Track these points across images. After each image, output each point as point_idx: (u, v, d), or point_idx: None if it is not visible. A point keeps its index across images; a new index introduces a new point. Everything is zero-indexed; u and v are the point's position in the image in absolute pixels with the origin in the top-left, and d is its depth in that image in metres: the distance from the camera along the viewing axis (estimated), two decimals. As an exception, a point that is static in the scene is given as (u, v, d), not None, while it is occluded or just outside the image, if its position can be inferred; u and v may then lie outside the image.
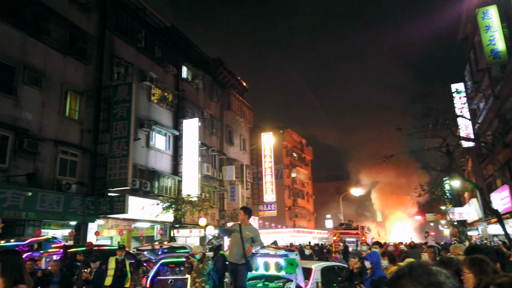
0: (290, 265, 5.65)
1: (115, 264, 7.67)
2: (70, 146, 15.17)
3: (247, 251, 5.65)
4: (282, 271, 5.89)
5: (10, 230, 12.43)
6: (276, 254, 5.98)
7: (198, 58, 26.14)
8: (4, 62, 13.04)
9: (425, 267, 1.10)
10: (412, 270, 1.10)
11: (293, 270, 5.68)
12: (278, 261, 5.94)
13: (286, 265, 5.74)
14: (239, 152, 30.92)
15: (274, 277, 6.14)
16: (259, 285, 6.18)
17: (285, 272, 5.87)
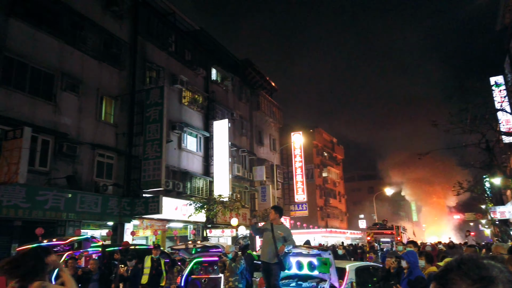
0: (324, 264, 5.58)
1: (150, 263, 7.88)
2: (106, 149, 15.72)
3: (280, 250, 5.63)
4: (316, 270, 5.83)
5: (52, 230, 13.04)
6: (309, 254, 5.92)
7: (227, 60, 26.39)
8: (44, 70, 13.70)
9: (475, 261, 1.04)
10: (461, 264, 1.04)
11: (327, 269, 5.60)
12: (311, 261, 5.89)
13: (320, 264, 5.67)
14: (269, 152, 30.92)
15: (307, 277, 6.09)
16: (292, 284, 6.15)
17: (319, 272, 5.81)
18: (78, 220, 13.87)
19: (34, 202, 12.07)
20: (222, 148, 21.90)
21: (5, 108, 11.76)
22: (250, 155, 27.17)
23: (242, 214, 22.74)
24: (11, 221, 12.47)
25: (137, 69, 17.95)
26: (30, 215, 11.97)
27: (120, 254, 8.36)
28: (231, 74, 26.38)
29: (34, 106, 13.12)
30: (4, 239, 12.59)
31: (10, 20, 12.69)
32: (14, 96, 12.47)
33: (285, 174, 33.86)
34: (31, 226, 12.28)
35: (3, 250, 12.26)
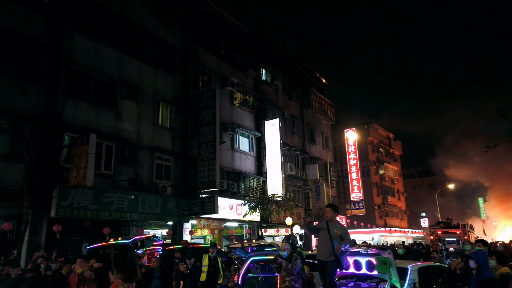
0: (383, 264, 5.36)
1: (208, 261, 8.10)
2: (164, 152, 16.43)
3: (337, 249, 5.51)
4: (375, 270, 5.62)
5: (118, 230, 13.89)
6: (367, 253, 5.73)
7: (276, 60, 26.41)
8: (106, 80, 14.64)
9: None
10: None
11: (387, 269, 5.37)
12: (369, 260, 5.69)
13: (379, 264, 5.46)
14: (322, 151, 30.44)
15: (366, 277, 5.89)
16: (351, 284, 5.98)
17: (378, 272, 5.59)
18: (141, 220, 14.64)
19: (100, 204, 12.94)
20: (274, 148, 21.94)
21: (73, 117, 12.73)
22: (302, 153, 26.95)
23: (296, 213, 22.62)
24: (81, 222, 13.47)
25: (190, 74, 18.57)
26: (97, 216, 12.83)
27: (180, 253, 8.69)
28: (280, 73, 26.36)
29: (98, 114, 14.06)
30: (76, 238, 13.63)
31: (75, 35, 13.72)
32: (80, 105, 13.46)
33: (339, 172, 33.11)
34: (99, 226, 13.19)
35: (75, 248, 13.27)
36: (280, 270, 6.27)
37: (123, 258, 3.05)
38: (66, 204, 11.87)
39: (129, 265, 3.05)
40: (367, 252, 5.74)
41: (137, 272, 3.16)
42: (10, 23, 11.84)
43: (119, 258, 3.06)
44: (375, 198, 39.49)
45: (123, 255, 3.08)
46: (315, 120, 30.42)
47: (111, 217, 13.25)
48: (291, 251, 6.40)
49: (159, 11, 17.44)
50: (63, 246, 11.97)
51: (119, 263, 3.05)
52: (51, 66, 12.75)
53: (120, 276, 3.02)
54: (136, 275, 3.16)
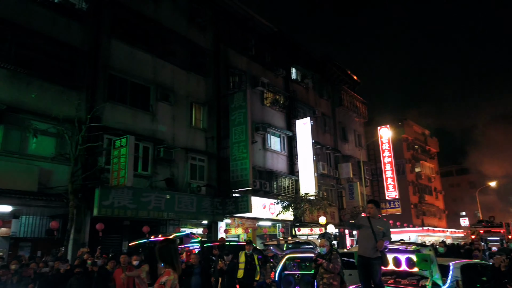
0: (424, 261, 5.26)
1: (244, 258, 8.23)
2: (198, 153, 16.78)
3: (379, 245, 5.46)
4: (415, 267, 5.52)
5: (155, 229, 14.33)
6: (407, 250, 5.64)
7: (306, 58, 26.29)
8: (141, 83, 15.15)
9: None
10: None
11: (427, 266, 5.27)
12: (409, 257, 5.60)
13: (419, 260, 5.36)
14: (355, 149, 29.98)
15: (406, 274, 5.80)
16: (390, 281, 5.91)
17: (419, 269, 5.50)
18: (177, 219, 15.03)
19: (139, 203, 13.40)
20: (306, 147, 21.85)
21: (112, 119, 13.28)
22: (334, 152, 26.66)
23: (330, 213, 22.43)
24: (121, 221, 14.02)
25: (221, 75, 18.86)
26: (136, 214, 13.30)
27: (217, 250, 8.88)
28: (311, 72, 26.22)
29: (135, 117, 14.58)
30: (116, 236, 14.20)
31: (112, 41, 14.30)
32: (118, 108, 14.01)
33: (373, 170, 32.46)
34: (137, 225, 13.68)
35: (115, 246, 13.83)
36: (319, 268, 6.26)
37: (168, 250, 3.21)
38: (107, 203, 12.39)
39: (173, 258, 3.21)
40: (407, 249, 5.66)
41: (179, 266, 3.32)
42: (52, 32, 12.51)
43: (164, 251, 3.23)
44: (411, 197, 38.40)
45: (167, 247, 3.24)
46: (347, 118, 30.00)
47: (149, 216, 13.69)
48: (330, 247, 6.39)
49: (190, 15, 17.85)
50: (104, 244, 12.49)
51: (165, 256, 3.22)
52: (91, 72, 13.36)
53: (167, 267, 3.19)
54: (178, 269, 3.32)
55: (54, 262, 8.80)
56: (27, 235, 13.38)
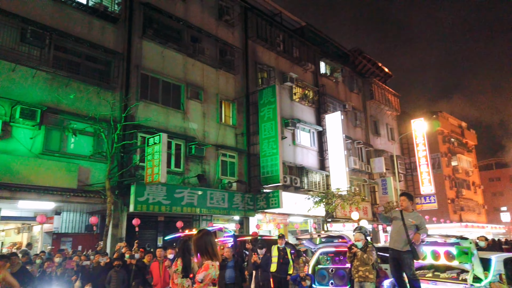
0: (464, 253, 5.08)
1: (277, 252, 8.26)
2: (228, 149, 16.96)
3: (415, 239, 5.32)
4: (455, 260, 5.34)
5: (188, 224, 14.63)
6: (446, 242, 5.46)
7: (335, 52, 25.92)
8: (172, 82, 15.47)
9: None
10: None
11: (468, 259, 5.08)
12: (448, 250, 5.42)
13: (459, 253, 5.18)
14: (387, 143, 29.27)
15: (445, 267, 5.62)
16: (428, 275, 5.75)
17: (459, 262, 5.31)
18: (209, 215, 15.28)
19: (173, 199, 13.73)
20: (336, 141, 21.56)
21: (145, 118, 13.65)
22: (366, 146, 26.15)
23: (362, 208, 22.05)
24: (156, 217, 14.43)
25: (250, 72, 18.93)
26: (170, 210, 13.63)
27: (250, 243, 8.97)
28: (340, 65, 25.81)
29: (167, 115, 14.91)
30: (151, 232, 14.64)
31: (144, 42, 14.68)
32: (151, 107, 14.38)
33: (407, 165, 31.57)
34: (171, 221, 14.04)
35: (151, 241, 14.27)
36: (354, 259, 6.20)
37: (203, 241, 3.28)
38: (142, 199, 12.78)
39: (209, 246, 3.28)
40: (446, 241, 5.48)
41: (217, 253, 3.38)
42: (88, 35, 13.01)
43: (200, 242, 3.30)
44: (447, 192, 37.06)
45: (202, 238, 3.31)
46: (379, 112, 29.33)
47: (182, 212, 13.99)
48: (366, 241, 6.30)
49: (219, 13, 18.02)
50: (141, 239, 12.91)
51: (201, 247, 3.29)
52: (124, 72, 13.78)
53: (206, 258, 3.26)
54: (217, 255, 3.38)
55: (94, 255, 9.19)
56: (68, 231, 14.05)
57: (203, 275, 3.18)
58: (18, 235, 14.57)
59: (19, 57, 11.13)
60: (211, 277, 3.25)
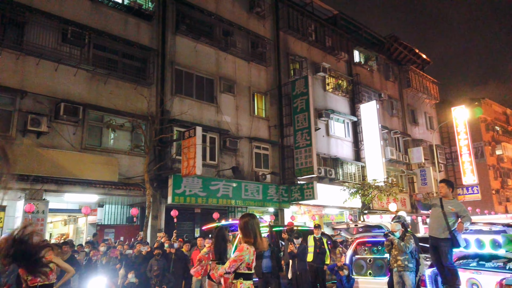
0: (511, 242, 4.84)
1: (313, 241, 8.24)
2: (261, 141, 17.01)
3: (458, 228, 5.12)
4: (501, 249, 5.10)
5: (224, 216, 14.86)
6: (491, 230, 5.22)
7: (369, 39, 25.23)
8: (206, 76, 15.69)
9: None
10: None
11: (516, 248, 4.84)
12: (494, 238, 5.18)
13: (506, 242, 4.94)
14: (426, 132, 28.23)
15: (490, 256, 5.38)
16: (473, 264, 5.52)
17: (506, 250, 5.07)
18: (244, 207, 15.44)
19: (208, 191, 13.99)
20: (372, 132, 21.07)
21: (180, 112, 13.95)
22: (403, 136, 25.37)
23: (400, 199, 21.47)
24: (192, 209, 14.77)
25: (281, 63, 18.83)
26: (206, 202, 13.91)
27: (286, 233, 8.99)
28: (375, 53, 25.10)
29: (201, 109, 15.16)
30: (189, 224, 15.00)
31: (177, 37, 14.96)
32: (185, 102, 14.67)
33: (448, 154, 30.34)
34: (207, 213, 14.31)
35: (188, 232, 14.63)
36: (392, 248, 6.07)
37: (248, 224, 3.36)
38: (180, 192, 13.11)
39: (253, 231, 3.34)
40: (491, 229, 5.24)
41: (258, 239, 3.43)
42: (124, 33, 13.43)
43: (245, 225, 3.38)
44: (492, 182, 35.28)
45: (248, 222, 3.39)
46: (416, 100, 28.32)
47: (218, 204, 14.23)
48: (403, 230, 6.15)
49: (249, 5, 18.01)
50: (178, 230, 13.26)
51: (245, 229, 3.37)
52: (159, 68, 14.13)
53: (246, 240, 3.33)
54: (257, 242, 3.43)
55: (136, 245, 9.57)
56: (111, 222, 14.68)
57: (236, 255, 3.27)
58: (64, 227, 15.40)
59: (61, 57, 11.67)
60: (244, 259, 3.32)
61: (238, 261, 3.29)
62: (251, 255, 3.39)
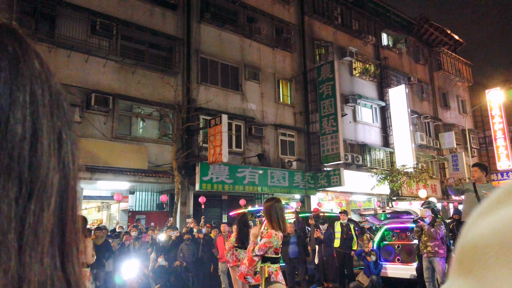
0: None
1: (340, 227, 8.22)
2: (287, 128, 16.96)
3: None
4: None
5: (250, 203, 15.02)
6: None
7: (397, 21, 24.40)
8: (230, 64, 15.72)
9: None
10: None
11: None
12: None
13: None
14: (458, 116, 27.25)
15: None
16: None
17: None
18: (271, 193, 15.49)
19: (235, 179, 14.15)
20: (401, 117, 20.54)
21: (206, 101, 14.09)
22: (434, 121, 24.59)
23: (430, 186, 20.97)
24: (220, 196, 15.00)
25: (307, 49, 18.57)
26: (233, 189, 14.09)
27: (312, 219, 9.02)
28: (404, 35, 24.26)
29: (226, 97, 15.24)
30: (216, 210, 15.27)
31: (202, 26, 15.02)
32: (211, 90, 14.78)
33: (481, 139, 29.21)
34: (234, 199, 14.50)
35: (216, 219, 14.89)
36: (421, 234, 5.97)
37: (273, 208, 3.40)
38: (207, 179, 13.34)
39: (278, 214, 3.39)
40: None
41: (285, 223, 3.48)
42: (150, 23, 13.62)
43: (270, 209, 3.43)
44: (529, 167, 33.75)
45: (273, 206, 3.44)
46: (448, 83, 27.29)
47: (245, 190, 14.39)
48: (433, 216, 6.03)
49: (273, -10, 17.77)
50: (206, 216, 13.54)
51: (270, 213, 3.42)
52: (185, 57, 14.27)
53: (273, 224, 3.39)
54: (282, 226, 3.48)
55: (166, 230, 9.86)
56: (142, 209, 15.14)
57: (264, 241, 3.33)
58: (98, 213, 16.03)
59: (90, 48, 12.00)
60: (273, 245, 3.38)
61: (267, 246, 3.36)
62: (279, 240, 3.46)
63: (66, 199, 0.34)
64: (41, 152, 0.31)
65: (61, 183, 0.33)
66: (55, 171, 0.33)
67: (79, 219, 0.35)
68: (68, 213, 0.34)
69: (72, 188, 0.35)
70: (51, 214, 0.32)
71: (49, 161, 0.32)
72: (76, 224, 0.35)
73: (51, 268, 0.31)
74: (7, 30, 0.32)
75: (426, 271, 6.22)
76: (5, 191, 0.28)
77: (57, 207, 0.33)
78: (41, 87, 0.33)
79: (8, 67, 0.31)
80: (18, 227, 0.29)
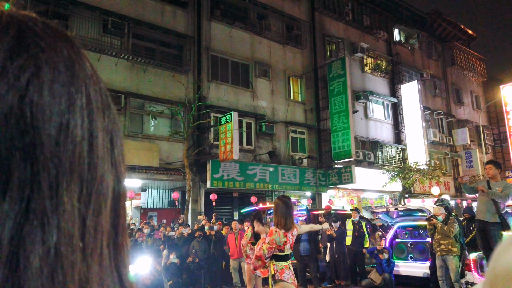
0: None
1: (352, 225, 8.18)
2: (298, 125, 16.91)
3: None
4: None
5: (261, 200, 15.04)
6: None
7: (409, 16, 24.07)
8: (241, 62, 15.72)
9: None
10: None
11: None
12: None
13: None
14: (472, 112, 26.81)
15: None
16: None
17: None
18: (282, 191, 15.50)
19: (246, 176, 14.17)
20: (413, 113, 20.29)
21: (216, 98, 14.13)
22: (447, 117, 24.25)
23: (444, 183, 20.70)
24: (231, 193, 15.04)
25: (317, 45, 18.46)
26: (244, 186, 14.12)
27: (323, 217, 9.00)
28: (416, 30, 23.94)
29: (237, 94, 15.26)
30: (227, 207, 15.33)
31: (212, 23, 15.04)
32: (221, 87, 14.81)
33: (496, 135, 28.69)
34: (245, 197, 14.54)
35: (227, 216, 14.96)
36: (434, 232, 5.91)
37: (280, 206, 3.41)
38: (218, 176, 13.39)
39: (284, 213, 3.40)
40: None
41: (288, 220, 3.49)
42: (161, 22, 13.69)
43: (278, 206, 3.44)
44: (545, 164, 33.07)
45: (278, 204, 3.45)
46: (461, 78, 26.85)
47: (256, 188, 14.40)
48: (446, 214, 5.96)
49: (283, -14, 17.69)
50: (218, 213, 13.61)
51: (278, 210, 3.44)
52: (195, 55, 14.32)
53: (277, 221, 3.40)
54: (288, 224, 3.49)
55: (178, 227, 9.95)
56: (154, 206, 15.30)
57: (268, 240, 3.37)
58: (111, 210, 16.21)
59: (103, 47, 12.12)
60: (276, 242, 3.41)
61: (273, 245, 3.39)
62: (281, 237, 3.46)
63: (118, 199, 0.35)
64: (97, 153, 0.32)
65: (114, 183, 0.34)
66: (110, 171, 0.33)
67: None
68: (120, 213, 0.35)
69: (123, 189, 0.35)
70: (108, 215, 0.32)
71: (104, 162, 0.32)
72: (125, 225, 0.36)
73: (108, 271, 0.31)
74: (60, 33, 0.33)
75: (440, 269, 6.15)
76: (69, 192, 0.28)
77: (112, 207, 0.33)
78: (94, 88, 0.34)
79: (65, 69, 0.31)
80: (81, 228, 0.29)
